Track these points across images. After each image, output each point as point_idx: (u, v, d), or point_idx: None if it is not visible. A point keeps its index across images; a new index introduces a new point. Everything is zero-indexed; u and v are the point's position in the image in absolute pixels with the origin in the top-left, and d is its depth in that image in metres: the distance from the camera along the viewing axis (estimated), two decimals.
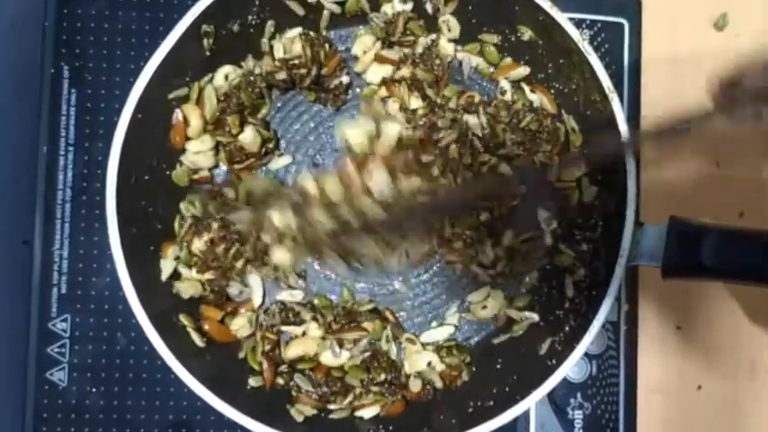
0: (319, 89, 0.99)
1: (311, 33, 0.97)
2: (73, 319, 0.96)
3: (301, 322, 0.96)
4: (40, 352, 0.95)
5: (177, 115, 0.94)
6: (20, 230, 0.98)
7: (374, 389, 0.96)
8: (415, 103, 0.99)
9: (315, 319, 0.96)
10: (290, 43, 0.96)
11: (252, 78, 0.96)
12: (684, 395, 1.04)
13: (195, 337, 0.92)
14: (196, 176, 0.98)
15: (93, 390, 0.96)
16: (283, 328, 0.96)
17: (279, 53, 0.96)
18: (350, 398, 0.95)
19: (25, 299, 0.96)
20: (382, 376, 0.96)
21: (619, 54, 1.04)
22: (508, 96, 1.00)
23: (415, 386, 0.96)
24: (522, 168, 0.95)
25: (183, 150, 0.96)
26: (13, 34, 1.02)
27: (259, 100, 0.98)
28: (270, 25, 0.97)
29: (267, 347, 0.95)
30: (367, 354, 0.96)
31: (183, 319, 0.92)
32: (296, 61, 0.96)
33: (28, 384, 0.95)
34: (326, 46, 0.98)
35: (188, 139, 0.95)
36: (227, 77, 0.96)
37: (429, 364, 0.96)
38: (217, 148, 0.97)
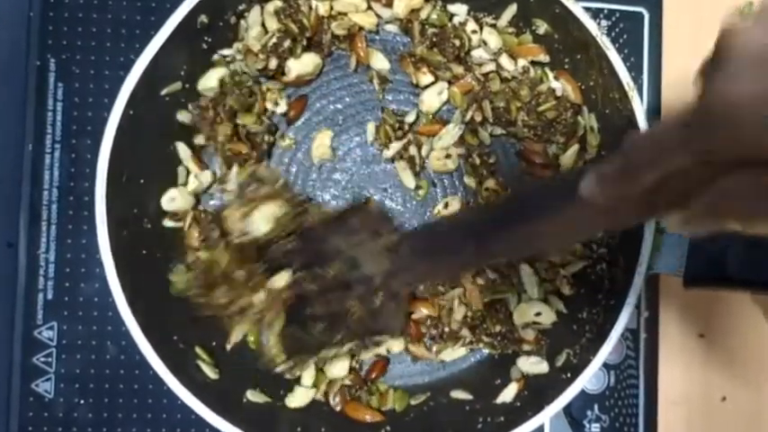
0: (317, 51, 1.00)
1: (279, 3, 0.97)
2: (60, 326, 0.96)
3: None
4: (25, 362, 0.96)
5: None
6: (4, 232, 0.99)
7: (485, 339, 0.99)
8: (425, 79, 1.01)
9: None
10: (260, 28, 0.97)
11: (237, 78, 0.97)
12: (708, 406, 1.05)
13: (206, 369, 0.93)
14: None
15: (82, 402, 0.96)
16: None
17: (256, 46, 0.96)
18: (459, 344, 1.00)
19: (9, 305, 0.96)
20: (497, 328, 0.98)
21: (638, 46, 1.05)
22: (532, 73, 1.00)
23: (527, 335, 0.98)
24: None
25: None
26: None
27: (250, 98, 0.98)
28: (251, 16, 0.97)
29: None
30: (485, 300, 0.98)
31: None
32: (276, 39, 0.96)
33: (12, 396, 0.96)
34: (306, 9, 0.98)
35: None
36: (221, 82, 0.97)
37: (538, 314, 0.97)
38: None
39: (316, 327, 0.88)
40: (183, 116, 0.95)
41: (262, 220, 0.88)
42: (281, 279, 0.88)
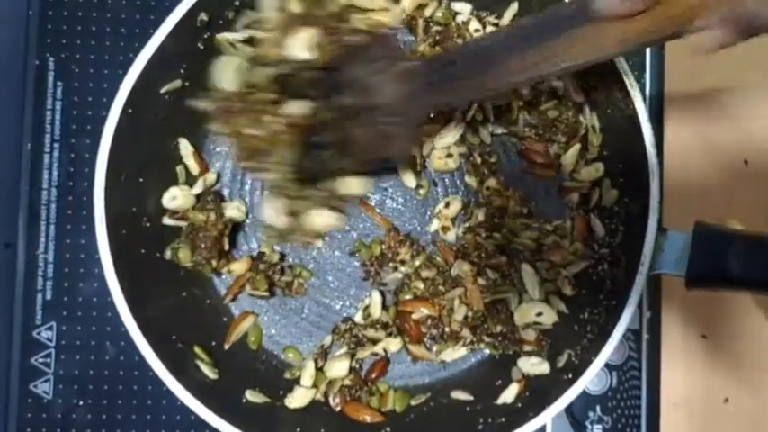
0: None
1: None
2: (59, 326, 0.97)
3: None
4: (24, 362, 0.96)
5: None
6: (2, 233, 0.99)
7: (486, 339, 0.99)
8: None
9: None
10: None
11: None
12: (710, 408, 1.04)
13: (205, 369, 0.93)
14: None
15: (81, 403, 0.97)
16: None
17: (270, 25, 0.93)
18: (460, 344, 0.99)
19: (8, 305, 0.96)
20: (498, 328, 0.98)
21: None
22: None
23: (528, 335, 0.98)
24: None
25: None
26: None
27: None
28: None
29: None
30: (486, 300, 0.98)
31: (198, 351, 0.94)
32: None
33: (10, 397, 0.96)
34: None
35: None
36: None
37: (539, 314, 0.97)
38: None
39: (322, 154, 0.89)
40: (198, 103, 0.93)
41: (301, 46, 0.87)
42: (299, 106, 0.88)
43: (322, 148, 0.89)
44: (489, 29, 1.00)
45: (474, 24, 1.00)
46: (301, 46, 0.87)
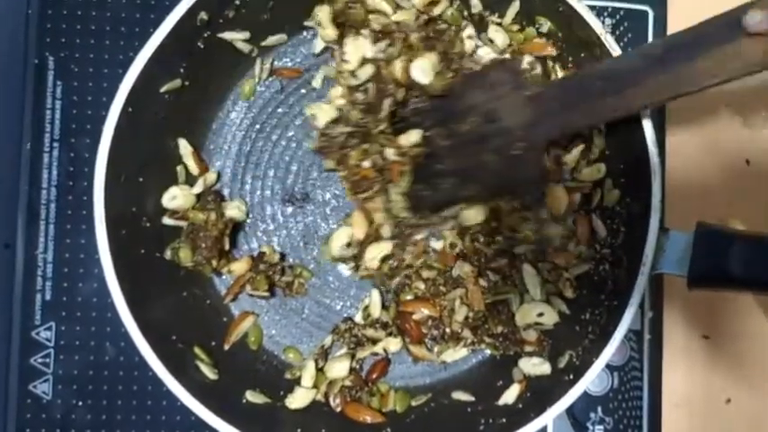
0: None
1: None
2: (58, 327, 0.97)
3: None
4: (23, 363, 0.96)
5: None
6: (1, 232, 0.99)
7: (487, 340, 0.99)
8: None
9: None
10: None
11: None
12: (712, 409, 1.04)
13: (205, 369, 0.93)
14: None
15: (80, 403, 0.96)
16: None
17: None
18: (461, 345, 1.00)
19: (7, 306, 0.96)
20: (499, 328, 0.98)
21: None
22: (538, 71, 1.00)
23: (529, 336, 0.98)
24: None
25: None
26: None
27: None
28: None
29: None
30: (487, 300, 0.98)
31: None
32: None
33: (9, 397, 0.96)
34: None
35: None
36: None
37: (540, 314, 0.96)
38: None
39: (444, 183, 0.91)
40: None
41: (423, 71, 0.90)
42: (412, 136, 0.91)
43: (443, 176, 0.91)
44: (491, 28, 1.00)
45: (468, 31, 0.99)
46: (421, 70, 0.89)
